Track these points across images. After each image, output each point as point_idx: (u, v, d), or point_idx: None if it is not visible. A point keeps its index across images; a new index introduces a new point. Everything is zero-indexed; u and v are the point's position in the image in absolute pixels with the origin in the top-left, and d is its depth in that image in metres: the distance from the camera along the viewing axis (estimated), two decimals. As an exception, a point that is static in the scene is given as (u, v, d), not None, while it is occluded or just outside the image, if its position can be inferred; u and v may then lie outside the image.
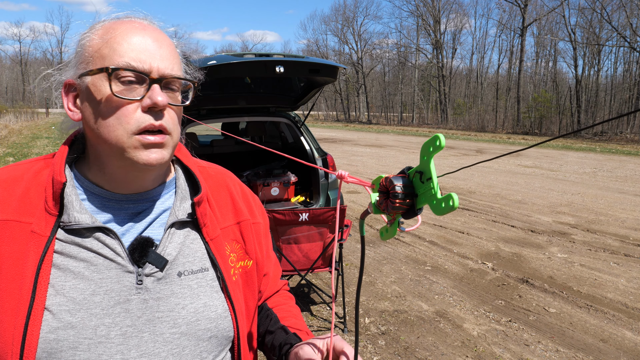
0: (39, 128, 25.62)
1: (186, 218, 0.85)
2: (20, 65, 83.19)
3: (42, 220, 0.76)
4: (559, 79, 38.84)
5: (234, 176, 1.03)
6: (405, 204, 0.74)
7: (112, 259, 0.78)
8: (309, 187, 5.16)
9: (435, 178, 0.69)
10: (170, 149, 0.78)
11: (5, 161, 12.24)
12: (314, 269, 3.65)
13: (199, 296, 0.83)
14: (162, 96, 0.74)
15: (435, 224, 6.92)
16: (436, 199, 0.68)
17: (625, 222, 7.13)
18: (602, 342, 3.55)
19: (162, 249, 0.81)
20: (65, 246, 0.76)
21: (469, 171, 12.55)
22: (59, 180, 0.77)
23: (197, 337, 0.82)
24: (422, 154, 0.72)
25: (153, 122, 0.74)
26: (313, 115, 54.89)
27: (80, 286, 0.75)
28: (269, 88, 5.06)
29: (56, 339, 0.72)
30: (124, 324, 0.76)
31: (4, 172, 0.82)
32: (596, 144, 23.25)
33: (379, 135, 28.43)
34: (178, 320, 0.80)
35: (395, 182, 0.75)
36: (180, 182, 0.89)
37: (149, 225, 0.83)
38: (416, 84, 50.63)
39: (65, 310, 0.74)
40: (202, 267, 0.85)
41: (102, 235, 0.78)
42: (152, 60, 0.75)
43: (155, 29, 0.80)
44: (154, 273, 0.80)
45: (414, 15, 48.87)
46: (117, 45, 0.75)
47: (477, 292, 4.46)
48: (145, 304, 0.78)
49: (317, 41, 67.15)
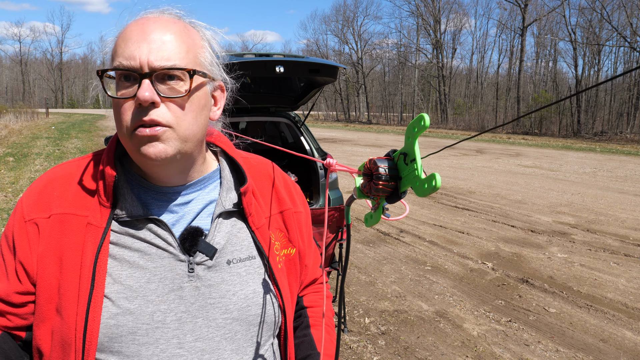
0: (39, 128, 25.62)
1: (232, 208, 0.88)
2: (20, 65, 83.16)
3: (97, 212, 0.80)
4: (559, 79, 38.87)
5: (276, 166, 1.03)
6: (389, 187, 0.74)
7: (165, 249, 0.81)
8: (309, 187, 5.16)
9: (419, 159, 0.69)
10: (174, 142, 0.76)
11: (5, 161, 12.23)
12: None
13: (247, 283, 0.86)
14: (148, 91, 0.72)
15: (435, 224, 6.92)
16: (419, 180, 0.68)
17: (625, 222, 7.13)
18: (602, 342, 3.55)
19: (211, 238, 0.84)
20: (119, 237, 0.80)
21: (469, 171, 12.55)
22: (110, 174, 0.80)
23: (248, 322, 0.85)
24: (407, 135, 0.71)
25: (142, 118, 0.74)
26: (313, 115, 54.87)
27: (135, 275, 0.79)
28: (269, 88, 5.06)
29: (116, 325, 0.77)
30: (179, 310, 0.80)
31: (60, 169, 0.87)
32: (596, 144, 23.25)
33: (379, 135, 28.42)
34: (230, 306, 0.83)
35: (379, 164, 0.74)
36: (225, 173, 0.91)
37: (196, 216, 0.86)
38: (416, 84, 50.63)
39: (123, 297, 0.78)
40: (250, 255, 0.88)
41: (153, 226, 0.81)
42: (142, 54, 0.74)
43: (160, 20, 0.78)
44: (205, 261, 0.83)
45: (414, 15, 48.88)
46: (118, 47, 0.77)
47: (477, 292, 4.46)
48: (198, 290, 0.82)
49: (317, 41, 67.19)
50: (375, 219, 0.79)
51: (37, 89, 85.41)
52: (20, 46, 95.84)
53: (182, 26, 0.80)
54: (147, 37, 0.75)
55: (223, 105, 0.89)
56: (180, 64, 0.76)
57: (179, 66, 0.75)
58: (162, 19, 0.79)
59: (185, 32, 0.79)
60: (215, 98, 0.87)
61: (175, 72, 0.76)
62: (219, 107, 0.88)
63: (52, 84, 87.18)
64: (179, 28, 0.79)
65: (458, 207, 8.15)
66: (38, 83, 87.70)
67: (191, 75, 0.77)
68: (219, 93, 0.88)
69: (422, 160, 0.69)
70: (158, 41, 0.75)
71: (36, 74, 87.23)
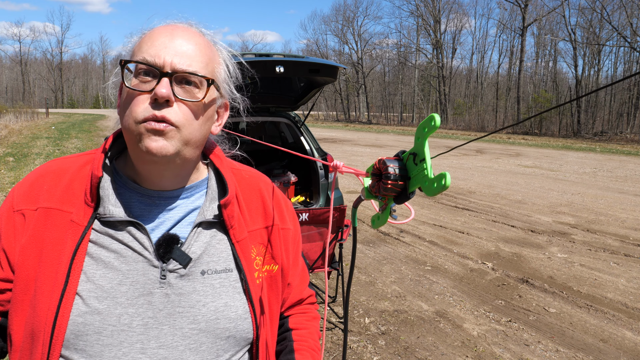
0: (39, 128, 25.61)
1: (212, 219, 0.87)
2: (20, 65, 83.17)
3: (81, 210, 0.82)
4: (559, 79, 38.87)
5: (269, 180, 1.04)
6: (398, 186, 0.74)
7: (140, 253, 0.82)
8: (309, 187, 5.16)
9: (428, 159, 0.69)
10: (177, 142, 0.79)
11: (5, 161, 12.23)
12: (314, 269, 3.65)
13: (220, 296, 0.85)
14: (165, 88, 0.76)
15: (435, 224, 6.92)
16: (428, 180, 0.68)
17: (625, 222, 7.13)
18: (602, 342, 3.55)
19: (188, 247, 0.84)
20: (99, 236, 0.82)
21: (469, 171, 12.55)
22: (95, 175, 0.82)
23: (216, 335, 0.84)
24: (417, 135, 0.71)
25: (155, 112, 0.77)
26: (313, 115, 54.87)
27: (109, 275, 0.80)
28: (269, 88, 5.06)
29: (83, 323, 0.78)
30: (146, 315, 0.80)
31: (55, 164, 0.89)
32: (596, 144, 23.25)
33: (379, 135, 28.42)
34: (198, 317, 0.83)
35: (388, 164, 0.75)
36: (211, 183, 0.92)
37: (177, 223, 0.87)
38: (416, 84, 50.64)
39: (94, 296, 0.79)
40: (227, 267, 0.87)
41: (133, 229, 0.82)
42: (167, 55, 0.78)
43: (188, 30, 0.84)
44: (178, 269, 0.83)
45: (414, 15, 48.91)
46: (144, 43, 0.81)
47: (477, 292, 4.46)
48: (167, 298, 0.82)
49: (317, 41, 67.13)
50: (382, 221, 0.79)
51: (37, 89, 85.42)
52: (20, 46, 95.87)
53: (205, 41, 0.85)
54: (174, 41, 0.80)
55: (224, 122, 0.93)
56: (201, 72, 0.81)
57: (199, 73, 0.80)
58: (190, 30, 0.84)
59: (207, 46, 0.85)
60: (219, 114, 0.91)
61: (194, 78, 0.80)
62: (220, 124, 0.92)
63: (52, 84, 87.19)
64: (203, 41, 0.84)
65: (458, 207, 8.15)
66: (38, 83, 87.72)
67: (209, 84, 0.82)
68: (223, 111, 0.92)
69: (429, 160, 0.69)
70: (183, 47, 0.80)
71: (36, 74, 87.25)
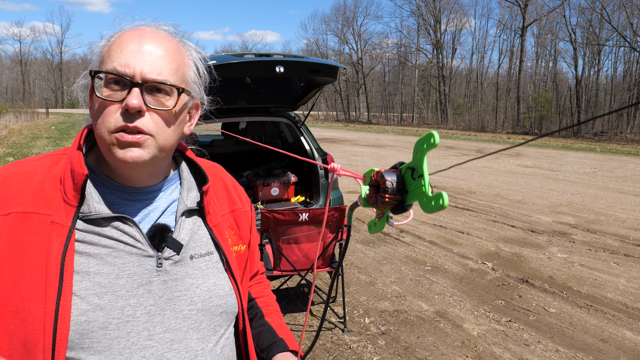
0: (39, 128, 25.61)
1: (195, 206, 0.93)
2: (20, 65, 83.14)
3: (62, 211, 0.81)
4: (559, 79, 38.83)
5: (224, 169, 1.13)
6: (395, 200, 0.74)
7: (133, 245, 0.84)
8: (309, 187, 5.16)
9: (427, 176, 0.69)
10: (153, 149, 0.82)
11: (6, 161, 12.24)
12: (314, 269, 3.65)
13: (208, 277, 0.92)
14: (136, 99, 0.78)
15: (435, 224, 6.92)
16: (426, 197, 0.68)
17: (625, 222, 7.13)
18: (602, 342, 3.55)
19: (177, 235, 0.89)
20: (85, 235, 0.82)
21: (469, 171, 12.55)
22: (80, 172, 0.81)
23: (211, 312, 0.91)
24: (416, 150, 0.71)
25: (127, 123, 0.78)
26: (313, 115, 54.85)
27: (104, 271, 0.81)
28: (269, 88, 5.05)
29: (87, 321, 0.78)
30: (148, 304, 0.84)
31: (18, 166, 0.87)
32: (596, 144, 23.25)
33: (379, 135, 28.42)
34: (194, 298, 0.89)
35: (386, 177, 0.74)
36: (184, 174, 0.97)
37: (161, 214, 0.91)
38: (416, 84, 50.61)
39: (93, 293, 0.80)
40: (208, 250, 0.94)
41: (120, 224, 0.84)
42: (137, 64, 0.79)
43: (157, 35, 0.84)
44: (172, 256, 0.88)
45: (414, 15, 48.92)
46: (113, 52, 0.81)
47: (477, 292, 4.46)
48: (165, 284, 0.86)
49: (317, 41, 67.15)
50: (379, 227, 0.80)
51: (37, 89, 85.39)
52: (20, 46, 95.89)
53: (174, 44, 0.86)
54: (142, 49, 0.81)
55: (195, 122, 0.96)
56: (171, 80, 0.82)
57: (169, 82, 0.82)
58: (159, 34, 0.85)
59: (177, 51, 0.86)
60: (191, 115, 0.94)
61: (164, 86, 0.82)
62: (192, 124, 0.94)
63: (52, 84, 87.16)
64: (172, 46, 0.85)
65: (458, 207, 8.14)
66: (38, 83, 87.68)
67: (179, 92, 0.84)
68: (194, 111, 0.95)
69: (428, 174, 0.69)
70: (153, 55, 0.81)
71: (36, 74, 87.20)
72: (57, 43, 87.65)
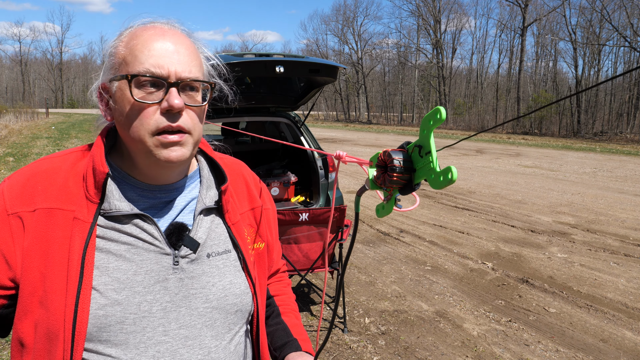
0: (39, 128, 25.61)
1: (213, 205, 0.94)
2: (20, 65, 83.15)
3: (84, 207, 0.83)
4: (559, 79, 38.87)
5: (246, 165, 1.13)
6: (403, 179, 0.74)
7: (151, 243, 0.86)
8: (309, 187, 5.16)
9: (434, 152, 0.69)
10: (191, 146, 0.84)
11: (5, 161, 12.23)
12: (314, 269, 3.66)
13: (225, 275, 0.93)
14: (178, 99, 0.80)
15: (435, 224, 6.92)
16: (434, 173, 0.68)
17: (625, 222, 7.13)
18: (602, 342, 3.55)
19: (194, 233, 0.90)
20: (106, 231, 0.84)
21: (469, 171, 12.55)
22: (101, 171, 0.83)
23: (226, 310, 0.92)
24: (422, 127, 0.71)
25: (171, 124, 0.81)
26: (313, 115, 54.84)
27: (123, 267, 0.84)
28: (269, 88, 5.05)
29: (105, 315, 0.81)
30: (164, 300, 0.86)
31: (44, 163, 0.89)
32: (596, 144, 23.25)
33: (379, 135, 28.42)
34: (209, 296, 0.90)
35: (393, 156, 0.74)
36: (204, 172, 0.98)
37: (180, 212, 0.92)
38: (416, 84, 50.62)
39: (111, 289, 0.82)
40: (226, 249, 0.95)
41: (139, 222, 0.86)
42: (170, 64, 0.81)
43: (175, 33, 0.86)
44: (189, 255, 0.89)
45: (414, 15, 48.88)
46: (139, 52, 0.81)
47: (477, 292, 4.46)
48: (181, 282, 0.88)
49: (317, 41, 67.08)
50: (387, 210, 0.79)
51: (37, 89, 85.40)
52: (20, 46, 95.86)
53: (190, 41, 0.88)
54: (169, 48, 0.82)
55: None
56: (200, 76, 0.85)
57: (201, 79, 0.85)
58: (177, 32, 0.87)
59: (194, 46, 0.88)
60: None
61: (196, 83, 0.84)
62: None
63: (52, 84, 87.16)
64: (190, 42, 0.87)
65: (458, 207, 8.15)
66: (38, 83, 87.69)
67: (212, 87, 0.88)
68: None
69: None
70: (181, 54, 0.83)
71: (36, 74, 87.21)
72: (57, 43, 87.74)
